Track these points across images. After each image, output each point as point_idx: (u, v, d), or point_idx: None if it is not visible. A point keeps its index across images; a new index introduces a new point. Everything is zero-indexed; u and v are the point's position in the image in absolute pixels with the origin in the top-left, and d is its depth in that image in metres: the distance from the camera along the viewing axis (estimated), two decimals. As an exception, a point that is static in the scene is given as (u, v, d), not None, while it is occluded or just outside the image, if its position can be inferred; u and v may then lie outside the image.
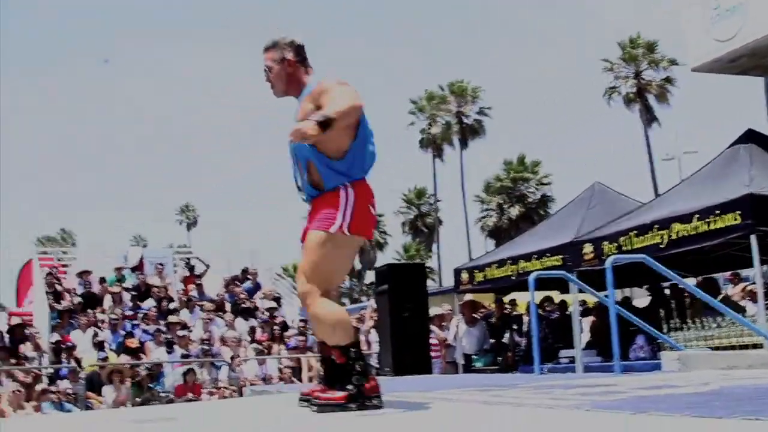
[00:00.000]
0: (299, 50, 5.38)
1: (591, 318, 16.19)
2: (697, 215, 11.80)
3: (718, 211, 11.49)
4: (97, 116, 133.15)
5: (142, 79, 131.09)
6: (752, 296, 13.41)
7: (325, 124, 4.75)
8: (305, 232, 5.23)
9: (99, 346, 16.78)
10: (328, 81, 5.17)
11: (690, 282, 13.70)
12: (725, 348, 10.71)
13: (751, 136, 13.15)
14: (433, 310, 17.90)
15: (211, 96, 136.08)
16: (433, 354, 15.92)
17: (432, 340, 16.26)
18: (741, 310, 12.43)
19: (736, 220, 11.21)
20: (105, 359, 16.19)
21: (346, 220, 5.05)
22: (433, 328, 17.00)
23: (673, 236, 12.14)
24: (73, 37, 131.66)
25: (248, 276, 22.38)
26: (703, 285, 13.88)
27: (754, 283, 13.16)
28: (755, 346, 10.51)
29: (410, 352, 14.29)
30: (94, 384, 15.56)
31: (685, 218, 12.01)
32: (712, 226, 11.56)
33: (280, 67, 5.34)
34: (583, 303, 16.43)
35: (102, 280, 20.39)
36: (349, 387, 5.05)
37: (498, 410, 5.01)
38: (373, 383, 5.09)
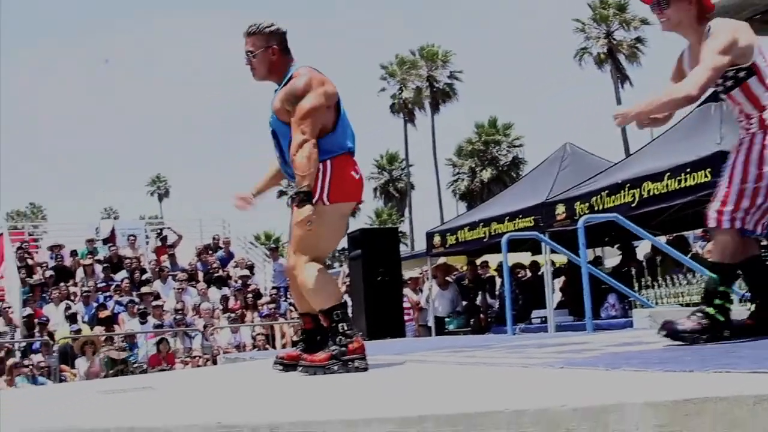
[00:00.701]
0: (283, 38, 5.49)
1: (562, 278, 16.26)
2: (668, 173, 11.82)
3: (688, 169, 11.52)
4: (63, 90, 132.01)
5: (110, 53, 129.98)
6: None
7: (309, 195, 5.14)
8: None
9: (72, 318, 16.75)
10: (301, 79, 5.29)
11: (661, 240, 13.78)
12: (696, 305, 10.78)
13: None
14: (407, 274, 17.96)
15: (181, 67, 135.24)
16: (406, 318, 15.97)
17: (404, 304, 16.30)
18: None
19: (706, 177, 11.23)
20: (78, 332, 16.15)
21: (324, 190, 5.22)
22: (406, 291, 17.06)
23: (645, 195, 12.16)
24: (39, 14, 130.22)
25: (219, 245, 22.37)
26: (674, 242, 13.96)
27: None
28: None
29: (384, 316, 14.35)
30: (67, 356, 15.53)
31: (656, 177, 12.04)
32: (683, 184, 11.59)
33: (263, 54, 5.42)
34: (552, 264, 16.48)
35: (74, 253, 20.33)
36: (333, 348, 5.13)
37: (473, 370, 5.02)
38: (357, 344, 5.15)
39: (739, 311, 5.82)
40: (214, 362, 15.36)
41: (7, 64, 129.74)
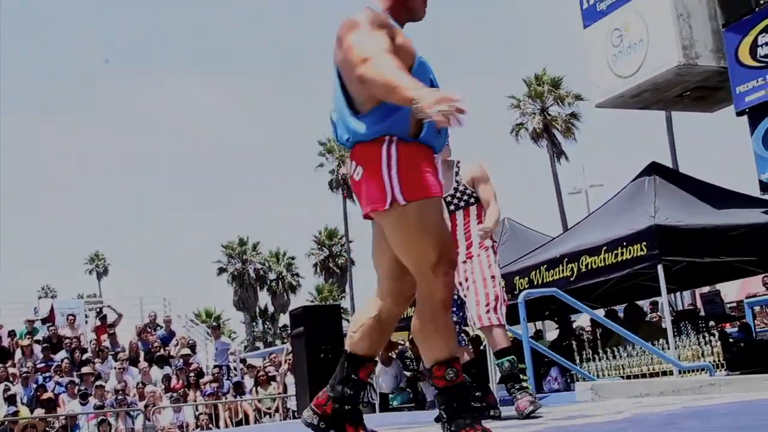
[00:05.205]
0: None
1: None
2: (605, 247, 12.05)
3: (625, 243, 11.76)
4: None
5: (47, 125, 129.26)
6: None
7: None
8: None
9: (10, 400, 16.49)
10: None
11: (599, 313, 13.97)
12: (637, 376, 10.95)
13: (655, 169, 13.50)
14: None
15: (121, 142, 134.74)
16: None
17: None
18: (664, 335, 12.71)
19: (642, 251, 11.47)
20: (15, 413, 15.88)
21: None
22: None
23: (583, 269, 12.36)
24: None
25: (158, 323, 22.25)
26: (628, 311, 14.14)
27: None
28: (665, 374, 10.77)
29: (328, 393, 14.31)
30: (6, 439, 15.29)
31: (593, 251, 12.26)
32: (620, 258, 11.81)
33: None
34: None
35: (11, 334, 20.08)
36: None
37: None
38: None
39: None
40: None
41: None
